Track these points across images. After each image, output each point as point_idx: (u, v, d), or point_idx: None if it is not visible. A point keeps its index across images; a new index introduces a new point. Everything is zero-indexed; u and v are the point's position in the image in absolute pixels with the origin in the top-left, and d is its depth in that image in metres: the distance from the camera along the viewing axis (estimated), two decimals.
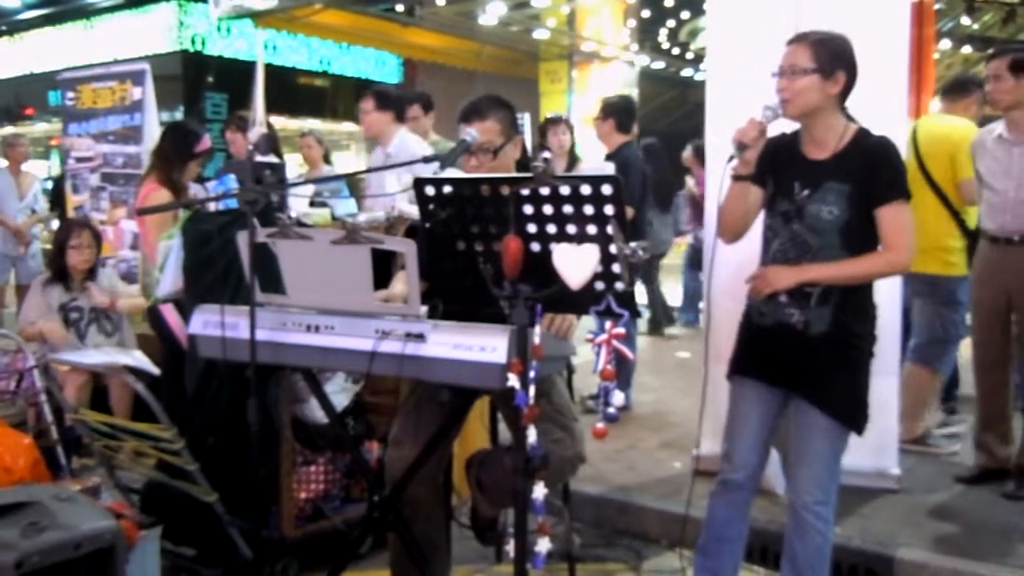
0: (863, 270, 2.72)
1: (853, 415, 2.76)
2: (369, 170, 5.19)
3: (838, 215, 2.68)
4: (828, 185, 2.69)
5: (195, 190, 4.84)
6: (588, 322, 2.28)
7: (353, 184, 6.14)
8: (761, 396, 2.88)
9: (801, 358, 2.76)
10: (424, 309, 2.41)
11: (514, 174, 2.64)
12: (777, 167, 2.80)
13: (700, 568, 3.03)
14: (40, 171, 9.88)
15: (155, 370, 4.49)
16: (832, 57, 2.69)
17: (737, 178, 2.78)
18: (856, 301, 2.75)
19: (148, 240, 4.78)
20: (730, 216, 2.88)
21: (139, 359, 4.65)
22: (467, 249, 2.35)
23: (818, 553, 2.79)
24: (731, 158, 2.73)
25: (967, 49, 14.71)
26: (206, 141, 4.81)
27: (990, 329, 4.30)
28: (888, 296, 4.01)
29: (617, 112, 5.77)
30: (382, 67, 16.12)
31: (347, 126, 16.56)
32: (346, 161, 16.25)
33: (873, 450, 4.09)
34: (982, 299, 4.33)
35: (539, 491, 2.13)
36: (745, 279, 2.83)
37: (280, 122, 11.14)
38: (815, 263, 2.70)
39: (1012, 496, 4.07)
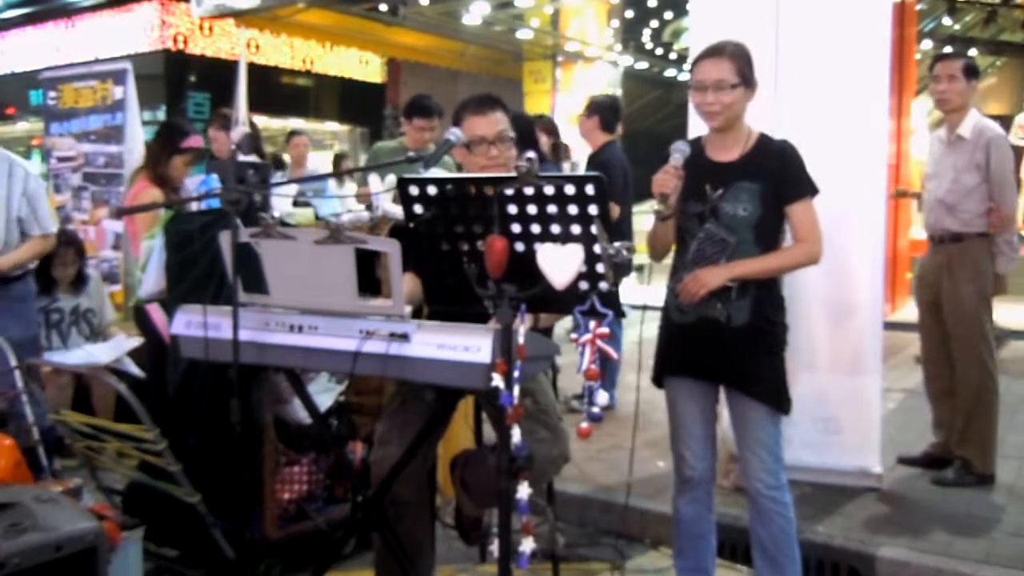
0: (785, 262, 2.91)
1: (779, 399, 2.88)
2: (352, 170, 5.14)
3: (752, 212, 2.81)
4: (739, 184, 2.82)
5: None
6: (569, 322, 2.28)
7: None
8: (696, 392, 2.98)
9: (726, 349, 2.87)
10: (408, 309, 2.40)
11: (500, 174, 2.64)
12: (684, 173, 2.87)
13: (683, 570, 3.10)
14: None
15: (139, 372, 4.46)
16: (748, 67, 2.82)
17: (663, 219, 2.89)
18: (771, 293, 2.90)
19: (135, 240, 4.74)
20: (660, 245, 3.01)
21: (123, 358, 4.62)
22: (451, 249, 2.34)
23: (783, 535, 2.90)
24: (656, 209, 2.82)
25: (948, 50, 14.80)
26: (196, 139, 4.73)
27: (928, 328, 4.47)
28: (870, 296, 4.05)
29: (602, 110, 5.76)
30: (365, 67, 16.07)
31: (330, 126, 16.52)
32: (329, 161, 16.21)
33: (855, 449, 4.12)
34: (919, 297, 4.52)
35: (523, 491, 2.13)
36: (676, 286, 2.90)
37: (262, 121, 11.08)
38: (734, 259, 2.81)
39: (949, 482, 4.21)
